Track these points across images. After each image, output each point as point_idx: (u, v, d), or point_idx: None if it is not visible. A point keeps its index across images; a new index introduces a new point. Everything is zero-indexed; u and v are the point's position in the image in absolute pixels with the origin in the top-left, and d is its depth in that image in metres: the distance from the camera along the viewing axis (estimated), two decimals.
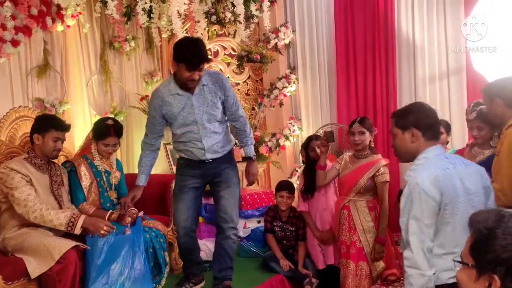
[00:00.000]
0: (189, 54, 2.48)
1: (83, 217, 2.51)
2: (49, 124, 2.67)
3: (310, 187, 3.32)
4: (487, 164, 2.42)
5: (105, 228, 2.52)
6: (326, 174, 3.10)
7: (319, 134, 4.01)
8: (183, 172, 2.83)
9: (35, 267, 2.33)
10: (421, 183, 1.68)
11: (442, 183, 1.68)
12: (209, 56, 2.95)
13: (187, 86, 2.59)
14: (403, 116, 1.87)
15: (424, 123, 1.81)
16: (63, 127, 2.72)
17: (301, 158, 4.12)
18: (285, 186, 3.53)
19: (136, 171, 3.95)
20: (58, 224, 2.46)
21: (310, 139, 3.44)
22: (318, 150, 3.19)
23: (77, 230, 2.47)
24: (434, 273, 1.68)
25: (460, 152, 3.09)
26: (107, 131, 2.95)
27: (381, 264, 2.88)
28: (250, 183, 3.02)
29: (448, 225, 1.70)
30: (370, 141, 2.95)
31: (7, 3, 2.87)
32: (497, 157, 2.24)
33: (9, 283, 2.27)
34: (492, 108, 2.28)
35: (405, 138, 1.83)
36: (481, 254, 1.03)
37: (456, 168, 1.76)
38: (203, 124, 2.66)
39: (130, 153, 4.06)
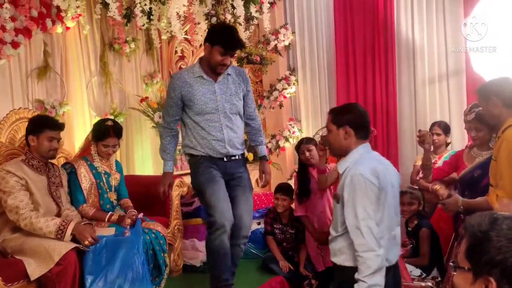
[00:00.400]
0: (227, 36, 2.48)
1: (72, 224, 2.48)
2: (43, 124, 2.68)
3: (304, 190, 3.32)
4: (486, 165, 2.43)
5: (89, 239, 2.47)
6: (327, 177, 3.11)
7: (315, 136, 4.00)
8: (206, 165, 2.65)
9: (34, 269, 2.33)
10: (364, 173, 1.85)
11: (379, 173, 1.89)
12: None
13: (216, 71, 2.56)
14: (339, 114, 2.04)
15: (357, 123, 2.00)
16: (57, 126, 2.72)
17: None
18: (280, 188, 3.56)
19: (136, 173, 4.00)
20: (47, 232, 2.44)
21: (300, 142, 3.44)
22: (307, 154, 3.21)
23: (67, 238, 2.44)
24: None
25: (459, 154, 3.10)
26: (107, 132, 2.96)
27: None
28: (266, 183, 2.94)
29: (378, 211, 1.88)
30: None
31: (7, 5, 2.87)
32: (494, 161, 2.20)
33: (9, 284, 2.27)
34: (489, 108, 2.22)
35: (339, 134, 2.01)
36: (476, 257, 1.03)
37: (382, 163, 2.00)
38: (224, 112, 2.60)
39: (129, 154, 4.06)
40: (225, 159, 2.67)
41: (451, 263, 1.13)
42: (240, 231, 2.69)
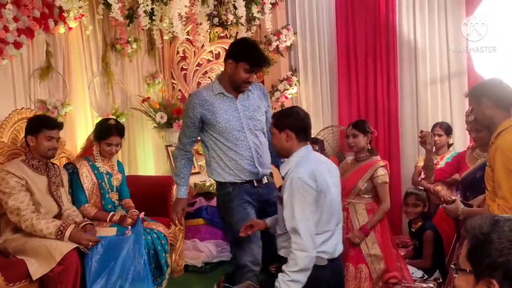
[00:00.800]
0: (254, 53, 2.36)
1: (70, 228, 2.49)
2: (41, 124, 2.68)
3: None
4: None
5: (84, 243, 2.47)
6: None
7: (319, 137, 4.01)
8: (239, 200, 2.41)
9: (36, 269, 2.33)
10: (302, 176, 1.97)
11: (317, 176, 1.99)
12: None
13: (240, 89, 2.42)
14: (280, 118, 2.15)
15: (297, 127, 2.10)
16: (55, 125, 2.72)
17: None
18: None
19: (138, 173, 4.00)
20: (47, 234, 2.46)
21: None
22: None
23: (66, 239, 2.46)
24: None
25: (461, 155, 3.09)
26: (109, 130, 2.97)
27: (381, 266, 2.87)
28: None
29: (319, 212, 2.00)
30: (368, 143, 2.95)
31: (10, 6, 2.88)
32: (488, 168, 2.15)
33: (11, 284, 2.28)
34: (481, 110, 2.16)
35: (281, 137, 2.12)
36: (478, 260, 1.03)
37: (322, 165, 2.11)
38: (250, 129, 2.44)
39: (131, 155, 4.07)
40: (255, 184, 2.46)
41: (452, 266, 1.13)
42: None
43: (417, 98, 4.56)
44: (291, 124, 2.10)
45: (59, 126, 2.75)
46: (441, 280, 3.18)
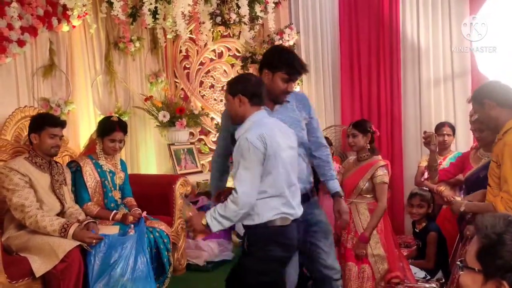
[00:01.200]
0: (291, 60, 2.20)
1: (74, 226, 2.50)
2: (44, 121, 2.68)
3: (315, 188, 3.33)
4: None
5: (87, 241, 2.48)
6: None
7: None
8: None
9: (39, 266, 2.34)
10: (250, 138, 2.01)
11: (266, 139, 2.02)
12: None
13: (279, 100, 2.25)
14: (233, 84, 2.20)
15: (250, 91, 2.13)
16: (58, 123, 2.73)
17: None
18: None
19: (141, 172, 4.00)
20: (51, 231, 2.47)
21: None
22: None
23: (69, 237, 2.47)
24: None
25: (465, 155, 3.09)
26: (112, 126, 2.98)
27: (384, 266, 2.87)
28: (344, 224, 2.59)
29: (270, 174, 2.04)
30: (368, 143, 2.95)
31: (14, 4, 2.89)
32: (494, 163, 2.17)
33: (14, 282, 2.28)
34: (485, 112, 2.19)
35: (234, 102, 2.15)
36: (489, 260, 1.02)
37: (277, 128, 2.13)
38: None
39: (134, 153, 4.07)
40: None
41: (458, 263, 1.12)
42: (333, 273, 2.44)
43: (420, 98, 4.55)
44: (243, 89, 2.14)
45: (62, 124, 2.75)
46: (443, 280, 3.17)
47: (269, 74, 2.22)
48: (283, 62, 2.18)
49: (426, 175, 3.64)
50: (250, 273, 2.12)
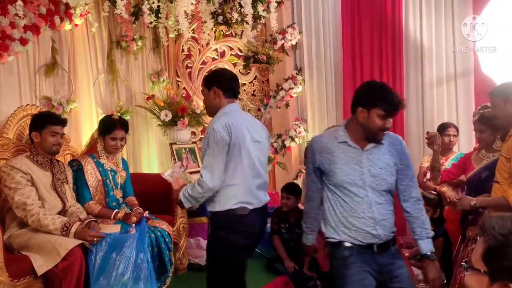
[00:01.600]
0: (388, 96, 2.05)
1: (75, 226, 2.51)
2: (45, 120, 2.69)
3: None
4: (493, 167, 2.41)
5: (89, 239, 2.48)
6: None
7: None
8: (356, 268, 2.06)
9: (41, 264, 2.34)
10: (216, 127, 2.16)
11: (232, 129, 2.16)
12: None
13: (376, 138, 2.09)
14: (208, 78, 2.37)
15: (224, 84, 2.30)
16: (59, 121, 2.74)
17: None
18: (285, 187, 3.57)
19: (143, 171, 3.99)
20: (53, 229, 2.47)
21: None
22: None
23: (71, 236, 2.47)
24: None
25: (467, 156, 3.07)
26: (113, 124, 2.98)
27: None
28: None
29: (234, 163, 2.18)
30: None
31: (20, 2, 2.89)
32: (504, 157, 2.19)
33: (15, 280, 2.28)
34: (506, 109, 2.21)
35: (209, 95, 2.31)
36: (495, 261, 1.00)
37: (247, 121, 2.29)
38: (372, 187, 2.09)
39: (136, 152, 4.07)
40: (375, 250, 2.09)
41: (463, 263, 1.10)
42: None
43: (423, 99, 4.54)
44: (218, 82, 2.30)
45: (63, 122, 2.76)
46: (445, 281, 3.16)
47: (364, 112, 2.08)
48: (378, 99, 2.05)
49: (428, 175, 3.63)
50: (213, 258, 2.31)
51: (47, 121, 2.68)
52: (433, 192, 3.49)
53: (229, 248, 2.24)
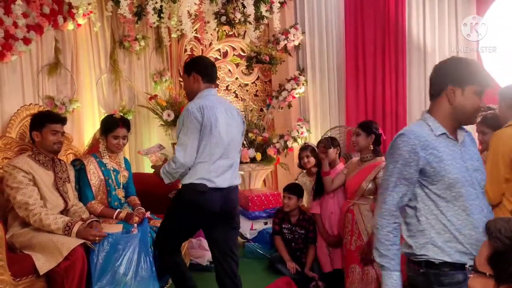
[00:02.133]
0: (479, 70, 1.74)
1: (78, 225, 2.51)
2: (44, 119, 2.70)
3: (319, 188, 3.32)
4: None
5: (91, 238, 2.49)
6: (332, 179, 3.13)
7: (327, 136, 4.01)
8: None
9: (43, 264, 2.34)
10: (191, 108, 2.35)
11: (205, 110, 2.34)
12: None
13: (471, 120, 1.75)
14: (188, 64, 2.56)
15: (204, 70, 2.50)
16: (59, 119, 2.74)
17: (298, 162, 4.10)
18: (287, 187, 3.57)
19: (145, 171, 3.99)
20: (55, 229, 2.48)
21: (319, 142, 3.48)
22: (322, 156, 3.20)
23: (73, 235, 2.48)
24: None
25: None
26: (115, 123, 2.99)
27: None
28: None
29: (204, 142, 2.36)
30: (371, 144, 2.94)
31: (19, 1, 2.89)
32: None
33: (18, 279, 2.28)
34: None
35: (189, 80, 2.50)
36: (502, 265, 0.99)
37: (221, 105, 2.46)
38: (480, 186, 1.74)
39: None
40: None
41: (467, 266, 1.10)
42: None
43: (426, 99, 4.53)
44: (197, 68, 2.50)
45: (62, 120, 2.77)
46: None
47: (457, 90, 1.70)
48: (473, 73, 1.72)
49: None
50: (166, 218, 2.54)
51: (47, 119, 2.69)
52: None
53: (182, 219, 2.46)
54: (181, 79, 4.64)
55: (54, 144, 2.69)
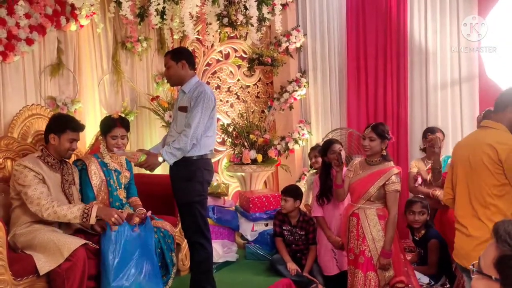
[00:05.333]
0: None
1: (96, 207, 2.53)
2: (66, 125, 2.70)
3: (325, 192, 3.30)
4: None
5: (115, 216, 2.53)
6: (345, 190, 2.99)
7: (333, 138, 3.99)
8: None
9: (44, 264, 2.34)
10: (207, 91, 2.78)
11: (213, 94, 2.83)
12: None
13: None
14: (176, 53, 2.90)
15: (189, 58, 2.88)
16: (79, 128, 2.76)
17: (309, 163, 4.11)
18: (284, 189, 3.57)
19: (146, 171, 3.99)
20: (72, 218, 2.48)
21: (330, 142, 3.41)
22: (342, 154, 3.09)
23: (92, 220, 2.49)
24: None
25: None
26: (113, 123, 3.00)
27: (390, 274, 2.83)
28: None
29: (210, 119, 2.78)
30: (382, 149, 2.83)
31: (22, 2, 2.90)
32: None
33: (18, 279, 2.28)
34: (505, 115, 2.19)
35: (178, 67, 2.83)
36: (509, 270, 0.96)
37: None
38: None
39: None
40: None
41: (471, 267, 1.07)
42: None
43: (427, 102, 4.53)
44: (185, 56, 2.85)
45: (82, 129, 2.79)
46: (448, 285, 3.15)
47: None
48: None
49: (419, 180, 3.64)
50: (186, 196, 2.78)
51: (69, 126, 2.69)
52: (421, 196, 3.51)
53: (202, 183, 2.80)
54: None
55: (69, 151, 2.71)
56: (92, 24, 3.59)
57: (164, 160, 2.69)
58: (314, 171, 3.83)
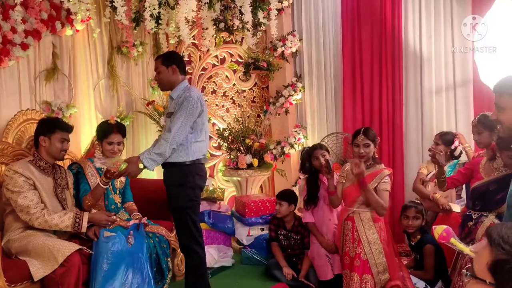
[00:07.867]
0: None
1: (86, 214, 2.55)
2: (55, 125, 2.70)
3: (312, 197, 3.31)
4: (503, 182, 2.46)
5: (106, 218, 2.62)
6: (338, 196, 3.01)
7: (323, 143, 4.00)
8: None
9: (38, 270, 2.33)
10: (193, 96, 2.71)
11: (201, 99, 2.76)
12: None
13: None
14: (166, 58, 2.88)
15: (180, 63, 2.87)
16: (68, 128, 2.76)
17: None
18: (279, 194, 3.59)
19: (142, 176, 3.98)
20: (64, 227, 2.48)
21: (314, 147, 3.43)
22: (322, 160, 3.18)
23: (84, 228, 2.52)
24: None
25: (475, 164, 2.98)
26: (109, 129, 2.99)
27: (386, 277, 2.83)
28: None
29: (200, 124, 2.76)
30: (374, 152, 2.89)
31: (18, 7, 2.90)
32: None
33: (13, 285, 2.27)
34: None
35: (168, 71, 2.83)
36: (505, 276, 0.96)
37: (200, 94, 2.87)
38: None
39: None
40: None
41: (464, 271, 1.06)
42: None
43: (422, 107, 4.54)
44: (176, 61, 2.85)
45: (71, 129, 2.80)
46: None
47: None
48: None
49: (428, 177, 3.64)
50: (177, 201, 2.76)
51: (57, 126, 2.69)
52: (416, 201, 3.51)
53: (194, 189, 2.77)
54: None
55: (61, 152, 2.70)
56: (87, 29, 3.59)
57: (144, 167, 2.66)
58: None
